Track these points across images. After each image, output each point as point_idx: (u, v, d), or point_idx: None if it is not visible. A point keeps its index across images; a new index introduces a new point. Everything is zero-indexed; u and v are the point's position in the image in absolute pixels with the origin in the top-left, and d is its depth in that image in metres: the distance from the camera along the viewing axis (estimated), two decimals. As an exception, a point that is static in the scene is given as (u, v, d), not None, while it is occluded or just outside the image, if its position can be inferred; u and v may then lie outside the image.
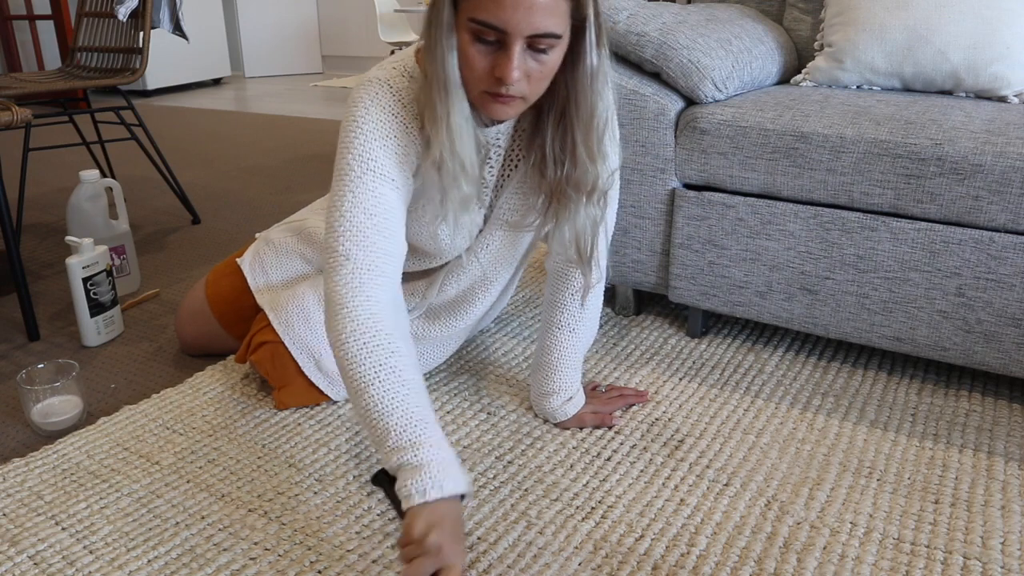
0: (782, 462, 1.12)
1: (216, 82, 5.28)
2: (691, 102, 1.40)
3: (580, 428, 1.20)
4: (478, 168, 0.97)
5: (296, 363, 1.24)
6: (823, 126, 1.24)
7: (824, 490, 1.06)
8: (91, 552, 0.96)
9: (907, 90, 1.47)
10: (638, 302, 1.61)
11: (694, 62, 1.35)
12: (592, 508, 1.03)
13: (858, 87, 1.50)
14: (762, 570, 0.92)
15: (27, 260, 1.99)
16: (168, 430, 1.21)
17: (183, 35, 2.34)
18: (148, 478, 1.10)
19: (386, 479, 0.87)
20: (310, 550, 0.96)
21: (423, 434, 0.84)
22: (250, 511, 1.03)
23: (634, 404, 1.27)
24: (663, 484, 1.08)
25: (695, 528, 0.99)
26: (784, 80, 1.63)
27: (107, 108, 2.16)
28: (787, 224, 1.31)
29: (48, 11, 4.57)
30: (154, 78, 4.72)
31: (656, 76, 1.41)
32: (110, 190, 1.77)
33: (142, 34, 2.13)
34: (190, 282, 1.83)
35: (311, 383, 1.25)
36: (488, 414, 1.25)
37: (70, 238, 1.49)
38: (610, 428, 1.20)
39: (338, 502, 1.05)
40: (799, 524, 0.99)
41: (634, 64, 1.42)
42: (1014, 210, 1.13)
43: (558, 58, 0.89)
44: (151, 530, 1.00)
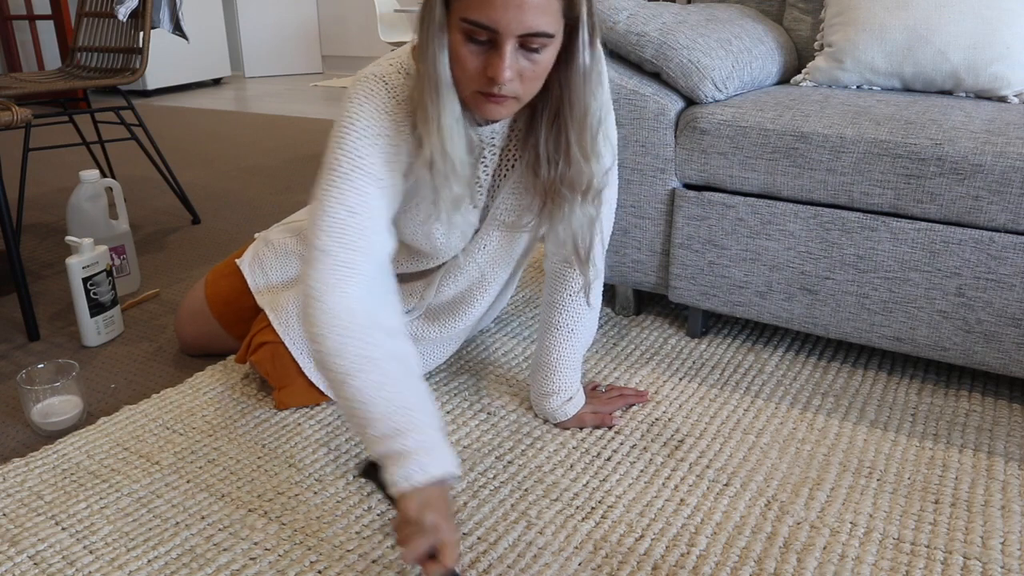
0: (782, 462, 1.12)
1: (216, 82, 5.27)
2: (691, 102, 1.40)
3: (580, 428, 1.21)
4: (469, 168, 0.97)
5: (296, 363, 1.24)
6: (823, 126, 1.24)
7: (824, 490, 1.06)
8: (91, 552, 0.96)
9: (907, 90, 1.47)
10: (638, 302, 1.61)
11: (694, 62, 1.35)
12: (592, 508, 1.03)
13: (858, 87, 1.50)
14: (762, 570, 0.92)
15: (27, 260, 1.99)
16: (168, 430, 1.22)
17: (183, 35, 2.34)
18: (148, 478, 1.10)
19: (372, 469, 0.89)
20: (310, 550, 0.96)
21: (405, 422, 0.85)
22: (250, 511, 1.03)
23: (634, 404, 1.27)
24: (663, 484, 1.08)
25: (695, 528, 0.99)
26: (784, 80, 1.63)
27: (107, 108, 2.16)
28: (787, 224, 1.31)
29: (48, 11, 4.57)
30: (154, 78, 4.72)
31: (656, 76, 1.41)
32: (110, 190, 1.77)
33: (142, 34, 2.13)
34: (190, 282, 1.83)
35: (311, 383, 1.25)
36: (488, 414, 1.25)
37: (70, 238, 1.49)
38: (610, 428, 1.20)
39: (338, 502, 1.05)
40: (799, 524, 0.99)
41: (634, 64, 1.42)
42: (1014, 210, 1.13)
43: (551, 57, 0.89)
44: (151, 530, 1.00)
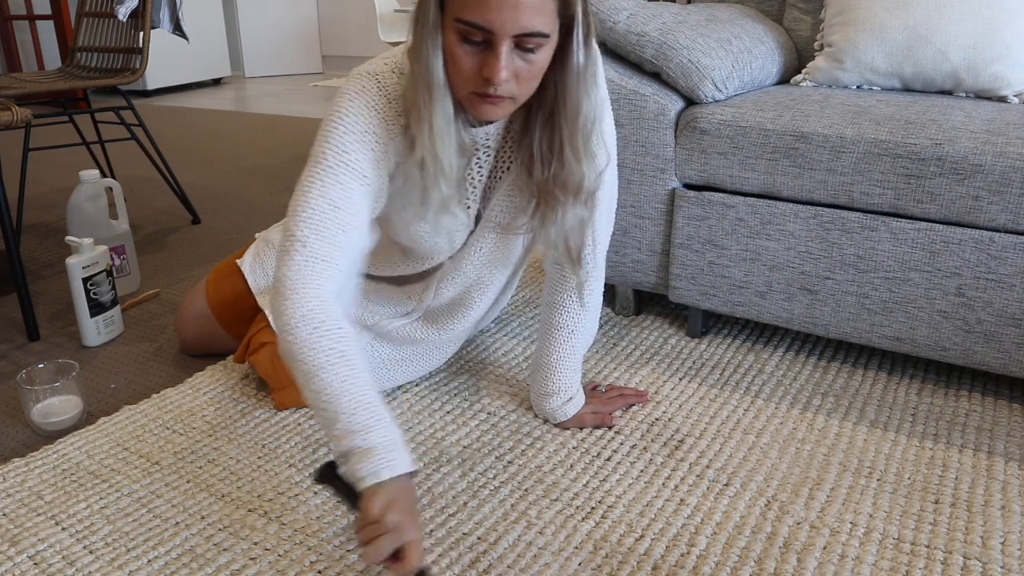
0: (782, 462, 1.12)
1: (216, 82, 5.28)
2: (691, 102, 1.40)
3: (580, 428, 1.20)
4: (459, 170, 0.96)
5: None
6: (823, 126, 1.24)
7: (824, 490, 1.06)
8: (91, 552, 0.96)
9: (907, 90, 1.47)
10: (638, 302, 1.61)
11: (694, 62, 1.35)
12: (592, 508, 1.03)
13: (858, 87, 1.50)
14: (762, 570, 0.92)
15: (27, 260, 1.99)
16: (168, 430, 1.21)
17: (183, 35, 2.34)
18: (148, 478, 1.10)
19: (330, 472, 0.88)
20: (310, 550, 0.96)
21: (372, 417, 0.85)
22: (250, 511, 1.03)
23: (634, 404, 1.27)
24: (663, 484, 1.08)
25: (695, 528, 0.99)
26: (784, 80, 1.63)
27: (107, 108, 2.16)
28: (787, 224, 1.31)
29: (48, 11, 4.57)
30: (154, 78, 4.72)
31: (656, 76, 1.41)
32: (110, 190, 1.77)
33: (142, 34, 2.13)
34: (190, 282, 1.83)
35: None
36: (488, 414, 1.25)
37: (70, 238, 1.49)
38: (610, 428, 1.20)
39: (338, 502, 1.04)
40: (799, 524, 0.99)
41: (634, 64, 1.42)
42: (1014, 210, 1.13)
43: (547, 57, 0.88)
44: (151, 530, 1.00)
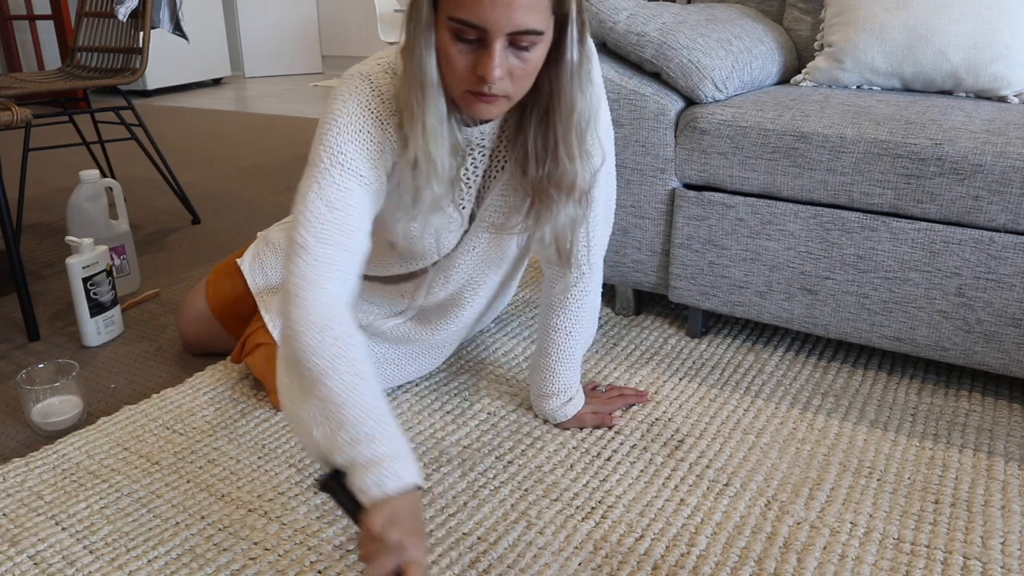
0: (782, 462, 1.12)
1: (216, 82, 5.27)
2: (691, 102, 1.40)
3: (580, 428, 1.20)
4: (452, 170, 0.96)
5: None
6: (823, 126, 1.24)
7: (824, 490, 1.06)
8: (91, 552, 0.96)
9: (907, 90, 1.47)
10: (638, 302, 1.61)
11: (694, 62, 1.35)
12: (592, 508, 1.03)
13: (858, 87, 1.50)
14: (762, 570, 0.92)
15: (27, 260, 1.99)
16: (168, 430, 1.21)
17: (183, 35, 2.34)
18: (148, 478, 1.10)
19: (334, 481, 0.84)
20: (310, 550, 0.96)
21: (378, 427, 0.83)
22: (250, 511, 1.03)
23: (634, 404, 1.27)
24: (663, 484, 1.08)
25: (695, 528, 0.99)
26: (784, 80, 1.63)
27: (107, 108, 2.16)
28: (787, 224, 1.31)
29: (48, 11, 4.57)
30: (154, 78, 4.72)
31: (656, 76, 1.41)
32: (110, 190, 1.77)
33: (142, 34, 2.13)
34: (190, 282, 1.83)
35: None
36: (488, 414, 1.25)
37: (70, 238, 1.49)
38: (610, 428, 1.20)
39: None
40: (799, 524, 0.99)
41: (634, 64, 1.42)
42: (1014, 210, 1.13)
43: (541, 55, 0.87)
44: (151, 530, 1.00)
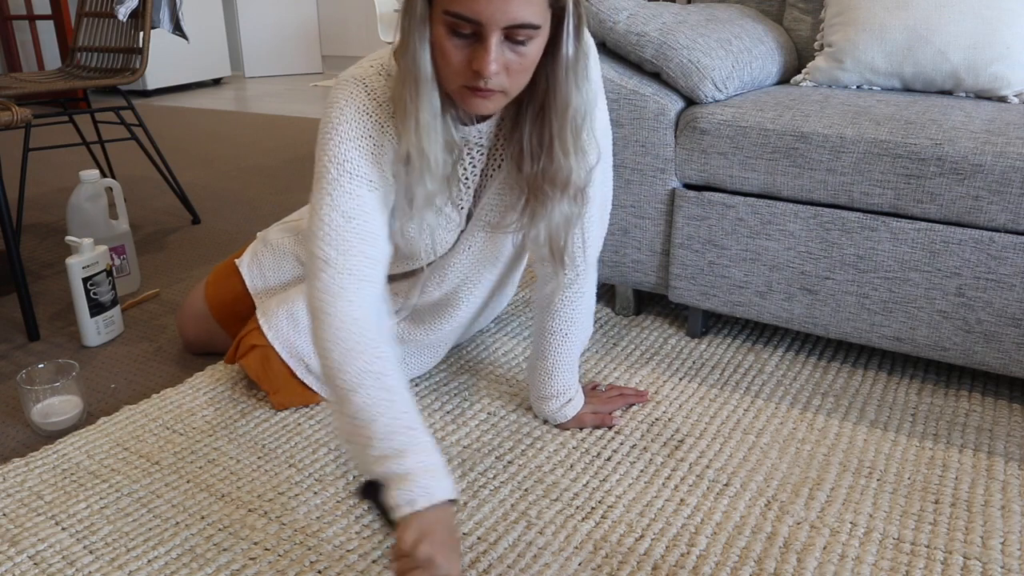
0: (782, 462, 1.12)
1: (216, 82, 5.27)
2: (691, 102, 1.40)
3: (580, 428, 1.20)
4: (446, 167, 0.94)
5: (287, 366, 1.23)
6: (823, 126, 1.24)
7: (824, 490, 1.06)
8: (91, 552, 0.96)
9: (907, 90, 1.47)
10: (638, 302, 1.61)
11: (694, 62, 1.35)
12: (592, 508, 1.03)
13: (858, 87, 1.50)
14: (762, 570, 0.92)
15: (27, 260, 1.99)
16: (168, 430, 1.21)
17: (183, 35, 2.34)
18: (148, 478, 1.10)
19: (373, 491, 0.84)
20: (310, 550, 0.96)
21: (408, 442, 0.82)
22: (250, 511, 1.03)
23: (634, 404, 1.27)
24: (663, 484, 1.08)
25: (695, 528, 0.99)
26: (784, 80, 1.63)
27: (107, 108, 2.16)
28: (787, 224, 1.31)
29: (48, 11, 4.57)
30: (154, 78, 4.72)
31: (656, 76, 1.41)
32: (110, 190, 1.77)
33: (142, 34, 2.13)
34: (190, 282, 1.83)
35: (305, 385, 1.24)
36: (488, 414, 1.25)
37: (70, 238, 1.49)
38: (610, 428, 1.20)
39: (338, 502, 1.05)
40: (799, 524, 0.99)
41: (634, 64, 1.42)
42: (1014, 210, 1.13)
43: (538, 49, 0.86)
44: (151, 530, 1.00)
